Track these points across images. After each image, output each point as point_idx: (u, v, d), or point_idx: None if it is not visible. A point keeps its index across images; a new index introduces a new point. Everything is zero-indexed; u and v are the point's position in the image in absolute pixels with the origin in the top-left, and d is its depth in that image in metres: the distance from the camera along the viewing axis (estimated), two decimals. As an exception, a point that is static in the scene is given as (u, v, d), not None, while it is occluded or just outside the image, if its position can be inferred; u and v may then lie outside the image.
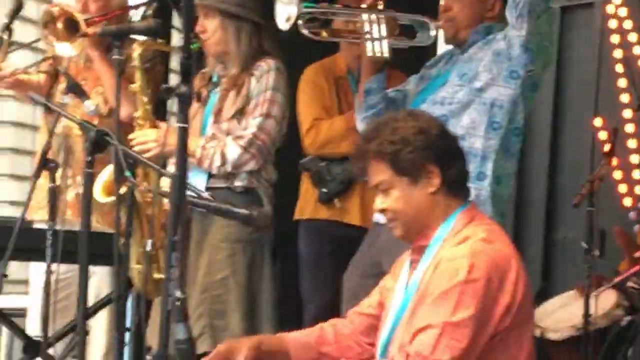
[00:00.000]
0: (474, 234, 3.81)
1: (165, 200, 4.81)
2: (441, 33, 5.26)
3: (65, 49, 5.83)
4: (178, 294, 3.68)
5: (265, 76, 5.53)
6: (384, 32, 4.99)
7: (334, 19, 5.24)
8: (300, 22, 5.04)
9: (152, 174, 4.94)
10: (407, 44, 5.13)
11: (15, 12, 5.55)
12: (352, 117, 6.30)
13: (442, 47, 5.59)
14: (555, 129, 9.23)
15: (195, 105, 5.68)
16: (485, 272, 3.69)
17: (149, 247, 4.76)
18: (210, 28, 5.56)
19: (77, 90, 5.41)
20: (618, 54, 8.29)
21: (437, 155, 3.87)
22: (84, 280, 4.43)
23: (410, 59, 5.77)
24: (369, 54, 5.04)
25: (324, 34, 5.14)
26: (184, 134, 3.46)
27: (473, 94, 4.98)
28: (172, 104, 4.09)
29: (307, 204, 6.90)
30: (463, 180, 3.98)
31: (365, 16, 5.01)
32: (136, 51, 5.38)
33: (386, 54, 5.03)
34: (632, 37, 8.34)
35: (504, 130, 4.96)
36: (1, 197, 17.44)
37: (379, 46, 5.00)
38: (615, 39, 8.49)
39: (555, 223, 9.03)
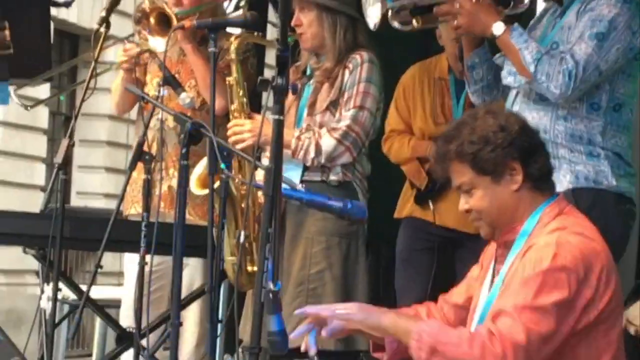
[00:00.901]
0: (563, 226, 3.79)
1: (260, 193, 4.80)
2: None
3: (159, 44, 5.87)
4: (271, 286, 3.69)
5: (358, 68, 5.53)
6: None
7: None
8: (390, 15, 5.03)
9: (247, 165, 4.94)
10: (508, 12, 5.01)
11: (112, 7, 5.57)
12: (419, 147, 6.73)
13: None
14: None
15: (290, 98, 5.66)
16: (570, 262, 3.67)
17: (242, 239, 4.75)
18: (305, 22, 5.57)
19: (172, 83, 5.43)
20: None
21: (518, 152, 3.85)
22: (179, 271, 4.45)
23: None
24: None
25: (415, 23, 5.08)
26: (280, 125, 3.45)
27: None
28: (267, 98, 4.10)
29: (405, 204, 6.92)
30: (547, 174, 3.95)
31: None
32: (233, 44, 5.43)
33: None
34: None
35: None
36: (96, 189, 17.75)
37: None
38: None
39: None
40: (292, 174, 5.42)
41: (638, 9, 4.88)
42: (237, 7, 6.70)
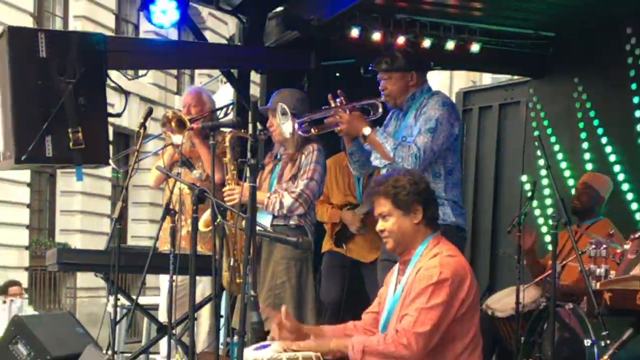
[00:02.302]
0: (441, 252, 3.83)
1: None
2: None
3: (178, 139, 5.91)
4: (252, 292, 3.74)
5: (311, 154, 5.50)
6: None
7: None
8: (296, 127, 5.16)
9: (235, 215, 4.97)
10: (370, 118, 5.08)
11: (147, 116, 5.59)
12: (333, 215, 6.71)
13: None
14: (497, 181, 9.28)
15: (265, 173, 5.71)
16: (450, 276, 3.72)
17: (232, 263, 4.80)
18: (275, 124, 5.49)
19: (187, 164, 5.48)
20: (536, 133, 8.32)
21: (422, 200, 3.89)
22: (193, 286, 4.49)
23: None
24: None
25: (313, 131, 5.20)
26: (253, 191, 3.50)
27: None
28: (244, 172, 4.25)
29: (326, 244, 6.87)
30: (435, 217, 3.99)
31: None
32: (227, 137, 5.46)
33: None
34: (545, 122, 8.37)
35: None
36: (143, 234, 17.70)
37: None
38: (534, 124, 8.53)
39: (498, 243, 9.04)
40: (265, 220, 5.44)
41: (454, 109, 5.01)
42: (225, 114, 6.73)
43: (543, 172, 8.16)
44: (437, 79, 18.58)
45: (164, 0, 6.55)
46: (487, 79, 11.97)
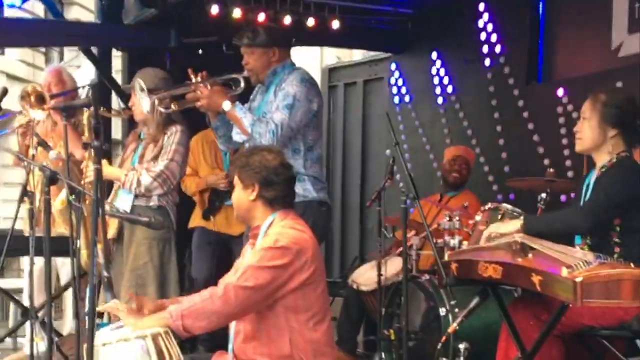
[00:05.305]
0: (284, 225, 3.84)
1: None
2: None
3: (37, 114, 5.75)
4: (105, 273, 3.71)
5: (173, 135, 5.42)
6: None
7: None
8: (156, 103, 5.12)
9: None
10: (232, 93, 5.07)
11: (2, 95, 5.41)
12: (201, 182, 6.73)
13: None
14: (364, 156, 9.42)
15: (128, 152, 5.64)
16: (287, 244, 3.73)
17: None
18: (136, 102, 5.41)
19: (43, 144, 5.35)
20: (392, 109, 8.47)
21: (260, 179, 3.89)
22: (48, 267, 4.32)
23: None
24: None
25: (173, 106, 5.14)
26: (98, 172, 3.44)
27: None
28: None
29: (195, 218, 6.88)
30: (279, 197, 3.93)
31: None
32: (84, 116, 5.32)
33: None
34: (407, 98, 8.52)
35: None
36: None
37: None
38: (396, 99, 8.67)
39: (366, 216, 9.21)
40: (126, 199, 5.38)
41: (313, 85, 5.02)
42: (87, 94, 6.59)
43: (405, 146, 8.35)
44: (308, 55, 18.64)
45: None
46: (357, 55, 12.07)
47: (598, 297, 3.16)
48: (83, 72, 13.90)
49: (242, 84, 5.11)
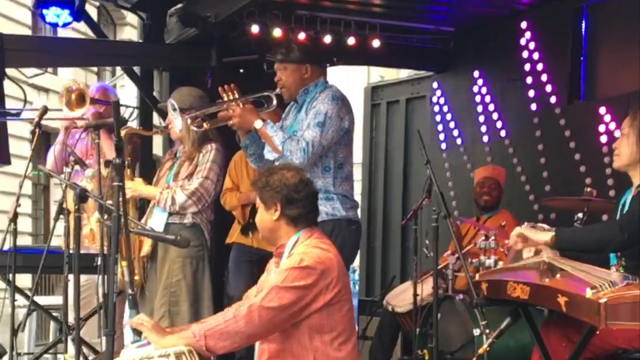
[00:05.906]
0: (309, 244, 3.81)
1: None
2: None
3: (74, 113, 5.75)
4: (129, 290, 3.69)
5: (208, 153, 5.39)
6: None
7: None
8: (189, 122, 5.12)
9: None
10: (263, 111, 5.09)
11: (42, 115, 5.41)
12: (242, 197, 6.65)
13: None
14: (405, 174, 9.38)
15: (164, 170, 5.65)
16: (311, 264, 3.70)
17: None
18: (171, 121, 5.37)
19: (80, 162, 5.37)
20: (439, 127, 8.41)
21: (282, 198, 3.87)
22: (77, 283, 4.38)
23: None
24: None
25: (205, 125, 5.13)
26: (119, 190, 3.43)
27: None
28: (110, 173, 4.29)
29: (233, 234, 6.84)
30: (302, 215, 3.90)
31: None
32: (122, 134, 5.34)
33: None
34: (448, 116, 8.47)
35: None
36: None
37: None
38: (438, 118, 8.62)
39: (408, 235, 9.13)
40: (161, 217, 5.35)
41: (344, 103, 4.99)
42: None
43: (446, 165, 8.29)
44: (355, 76, 18.67)
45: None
46: (403, 74, 12.06)
47: (625, 319, 3.09)
48: (127, 90, 14.02)
49: (275, 102, 5.11)
